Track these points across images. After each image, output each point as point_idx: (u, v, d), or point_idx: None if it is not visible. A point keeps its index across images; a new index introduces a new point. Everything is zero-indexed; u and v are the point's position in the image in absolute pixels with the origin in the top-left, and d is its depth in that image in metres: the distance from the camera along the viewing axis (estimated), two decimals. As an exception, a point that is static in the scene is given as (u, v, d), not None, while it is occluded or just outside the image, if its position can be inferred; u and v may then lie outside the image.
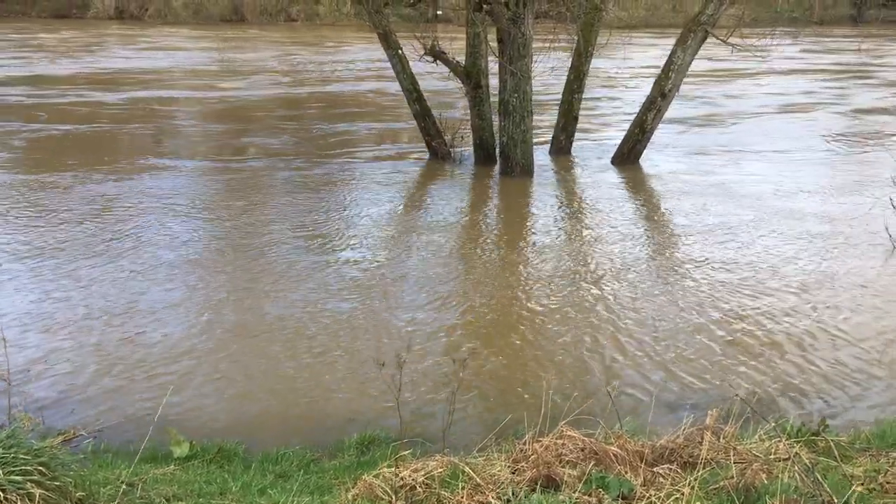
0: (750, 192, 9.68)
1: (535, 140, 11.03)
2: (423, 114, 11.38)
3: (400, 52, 11.17)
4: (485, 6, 9.87)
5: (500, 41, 10.17)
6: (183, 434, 4.03)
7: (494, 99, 10.89)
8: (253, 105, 16.69)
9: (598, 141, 12.95)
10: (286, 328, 5.73)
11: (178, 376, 4.98)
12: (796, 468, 3.10)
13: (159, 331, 5.61)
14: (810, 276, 6.84)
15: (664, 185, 10.33)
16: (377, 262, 7.21)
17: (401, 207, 9.23)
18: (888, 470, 3.28)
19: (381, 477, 3.19)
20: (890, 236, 7.60)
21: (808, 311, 6.11)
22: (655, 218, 9.09)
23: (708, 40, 10.83)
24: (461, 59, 10.96)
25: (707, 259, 7.31)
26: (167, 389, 4.45)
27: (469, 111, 11.25)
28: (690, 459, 3.34)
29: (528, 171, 10.55)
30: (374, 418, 4.47)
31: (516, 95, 10.20)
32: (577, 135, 12.18)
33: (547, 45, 11.41)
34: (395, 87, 11.88)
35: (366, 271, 6.94)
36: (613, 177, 10.77)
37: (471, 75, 10.85)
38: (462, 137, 11.47)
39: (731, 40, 10.47)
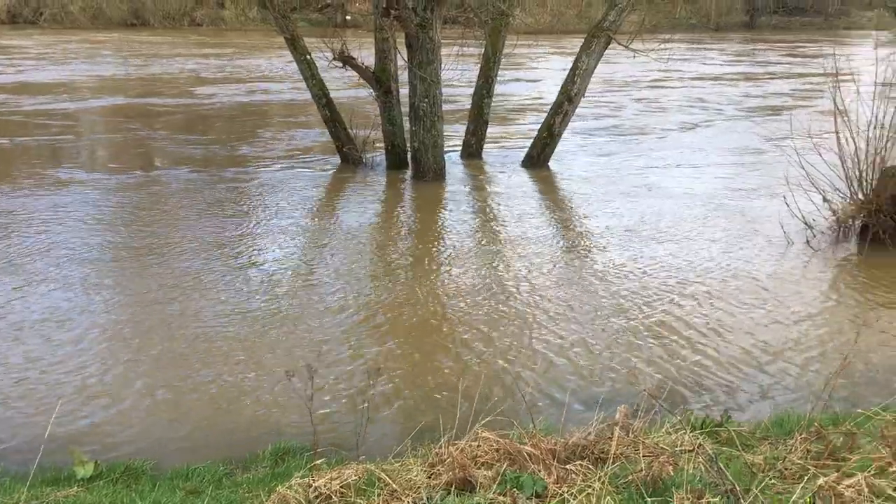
0: (657, 194, 9.99)
1: (447, 144, 11.11)
2: (332, 119, 11.30)
3: (308, 57, 11.06)
4: (392, 12, 9.87)
5: (409, 46, 10.20)
6: (87, 454, 3.88)
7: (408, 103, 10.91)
8: (158, 113, 16.21)
9: (508, 145, 13.13)
10: (196, 340, 5.58)
11: (82, 394, 4.79)
12: (700, 459, 3.21)
13: (61, 349, 5.39)
14: (713, 274, 7.11)
15: (574, 187, 10.56)
16: (288, 270, 7.11)
17: (312, 214, 9.12)
18: (786, 457, 3.43)
19: (295, 488, 3.14)
20: (785, 233, 7.97)
21: (712, 308, 6.34)
22: (565, 219, 9.27)
23: (612, 46, 11.15)
24: (371, 64, 10.94)
25: (616, 259, 7.51)
26: (70, 407, 4.28)
27: (380, 116, 11.24)
28: (601, 455, 3.41)
29: (439, 175, 10.61)
30: (289, 429, 4.40)
31: (426, 100, 10.25)
32: (488, 139, 12.34)
33: (457, 50, 11.52)
34: (306, 92, 11.74)
35: (277, 280, 6.84)
36: (524, 180, 10.94)
37: (380, 80, 10.84)
38: (373, 143, 11.44)
39: (633, 46, 10.80)
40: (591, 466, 3.26)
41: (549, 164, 11.55)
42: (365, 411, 3.97)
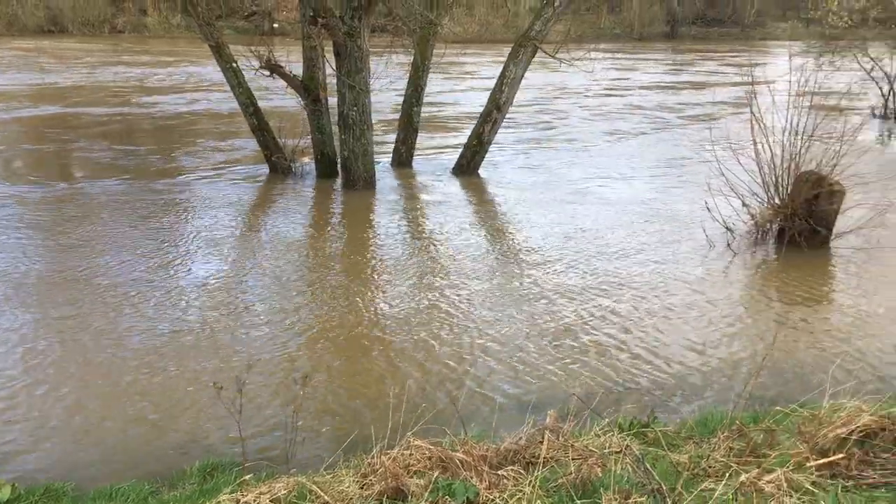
0: (586, 201, 10.16)
1: (377, 153, 11.09)
2: (260, 128, 11.16)
3: (234, 65, 10.90)
4: (320, 20, 9.81)
5: (337, 55, 10.14)
6: (4, 476, 3.72)
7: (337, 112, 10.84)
8: (80, 124, 15.73)
9: (439, 153, 13.19)
10: (122, 356, 5.43)
11: (0, 416, 4.61)
12: (628, 460, 3.28)
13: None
14: (641, 278, 7.26)
15: (503, 194, 10.66)
16: (217, 282, 6.98)
17: (241, 225, 8.98)
18: (710, 455, 3.53)
19: (223, 504, 3.09)
20: (707, 237, 8.21)
21: (639, 310, 6.48)
22: (495, 226, 9.35)
23: (540, 55, 11.32)
24: (300, 72, 10.84)
25: (546, 265, 7.60)
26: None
27: (309, 125, 11.15)
28: (532, 459, 3.45)
29: (370, 183, 10.58)
30: (218, 443, 4.32)
31: (356, 109, 10.21)
32: (418, 147, 12.37)
33: (386, 58, 11.53)
34: (233, 101, 11.55)
35: (205, 292, 6.70)
36: (454, 187, 10.99)
37: (309, 89, 10.76)
38: (303, 151, 11.35)
39: (559, 55, 11.00)
40: (522, 471, 3.30)
41: (480, 171, 11.64)
42: (295, 423, 3.91)
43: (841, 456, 3.38)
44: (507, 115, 11.88)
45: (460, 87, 22.25)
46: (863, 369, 5.43)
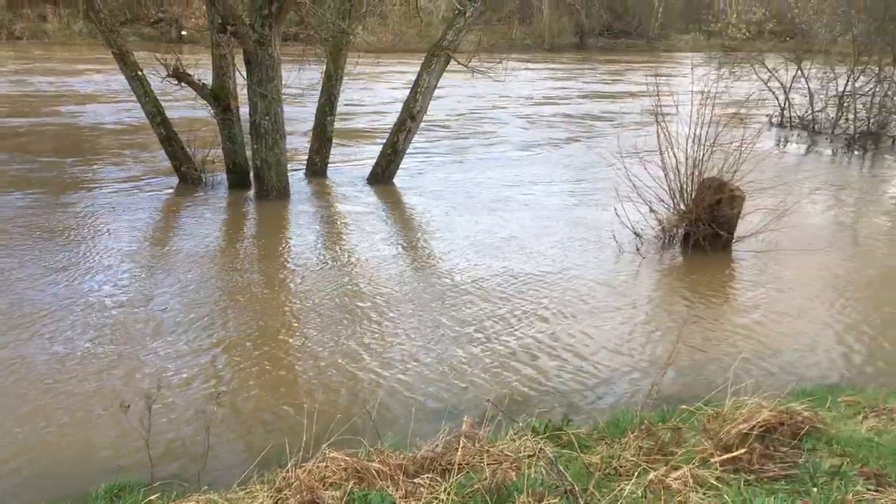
0: (502, 208, 10.28)
1: (291, 163, 10.96)
2: (169, 138, 10.89)
3: (140, 73, 10.61)
4: (229, 28, 9.64)
5: (247, 63, 9.98)
6: None
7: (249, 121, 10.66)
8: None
9: (353, 162, 13.13)
10: (25, 375, 5.19)
11: None
12: (542, 462, 3.33)
13: None
14: (554, 283, 7.39)
15: (419, 202, 10.70)
16: (126, 297, 6.76)
17: (149, 238, 8.72)
18: (620, 455, 3.63)
19: (131, 526, 2.99)
20: (617, 242, 8.43)
21: (552, 315, 6.59)
22: (410, 234, 9.37)
23: (453, 64, 11.42)
24: (210, 81, 10.63)
25: (460, 272, 7.66)
26: None
27: (220, 135, 10.93)
28: (448, 466, 3.47)
29: (283, 194, 10.44)
30: (126, 464, 4.17)
31: (267, 118, 10.07)
32: (333, 156, 12.29)
33: (299, 67, 11.43)
34: (141, 111, 11.22)
35: (113, 308, 6.48)
36: (369, 196, 10.97)
37: (219, 98, 10.56)
38: (213, 161, 11.11)
39: (471, 64, 11.12)
40: (438, 478, 3.31)
41: (395, 180, 11.65)
42: (206, 439, 3.82)
43: (743, 451, 3.52)
44: (428, 125, 11.95)
45: (375, 96, 22.22)
46: (763, 367, 5.67)
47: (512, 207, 10.31)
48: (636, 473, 3.36)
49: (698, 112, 8.48)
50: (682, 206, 8.53)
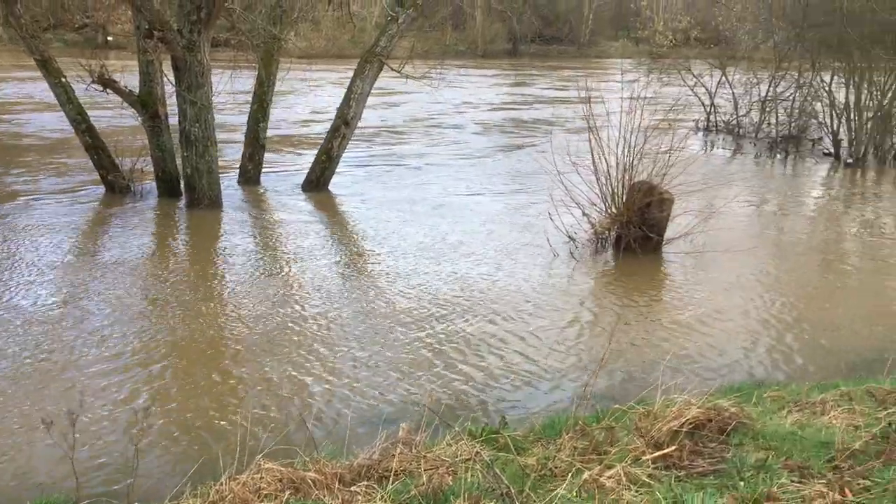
0: (437, 213, 10.31)
1: (223, 170, 10.78)
2: (95, 146, 10.60)
3: (64, 80, 10.30)
4: (156, 33, 9.43)
5: (176, 69, 9.78)
6: None
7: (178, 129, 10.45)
8: None
9: (288, 169, 13.00)
10: (-64, 395, 4.98)
11: None
12: (478, 466, 3.35)
13: None
14: (490, 288, 7.44)
15: (354, 209, 10.65)
16: (52, 311, 6.54)
17: (76, 250, 8.45)
18: (555, 455, 3.67)
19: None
20: (551, 246, 8.54)
21: (489, 320, 6.63)
22: (346, 241, 9.32)
23: (387, 70, 11.42)
24: (137, 87, 10.39)
25: (395, 278, 7.65)
26: None
27: (148, 142, 10.69)
28: (385, 473, 3.46)
29: (215, 202, 10.26)
30: (50, 482, 4.03)
31: (198, 125, 9.88)
32: (267, 163, 12.15)
33: (230, 74, 11.26)
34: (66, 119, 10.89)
35: (39, 322, 6.26)
36: (304, 203, 10.87)
37: (146, 105, 10.33)
38: (142, 170, 10.85)
39: (405, 71, 11.14)
40: (375, 486, 3.30)
41: (331, 187, 11.57)
42: (136, 453, 3.72)
43: (674, 448, 3.60)
44: (368, 132, 11.90)
45: (309, 102, 22.05)
46: (692, 365, 5.82)
47: (448, 213, 10.34)
48: (571, 473, 3.40)
49: (628, 117, 8.65)
50: (614, 210, 8.69)
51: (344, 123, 11.38)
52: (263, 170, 12.05)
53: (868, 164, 15.12)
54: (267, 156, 12.19)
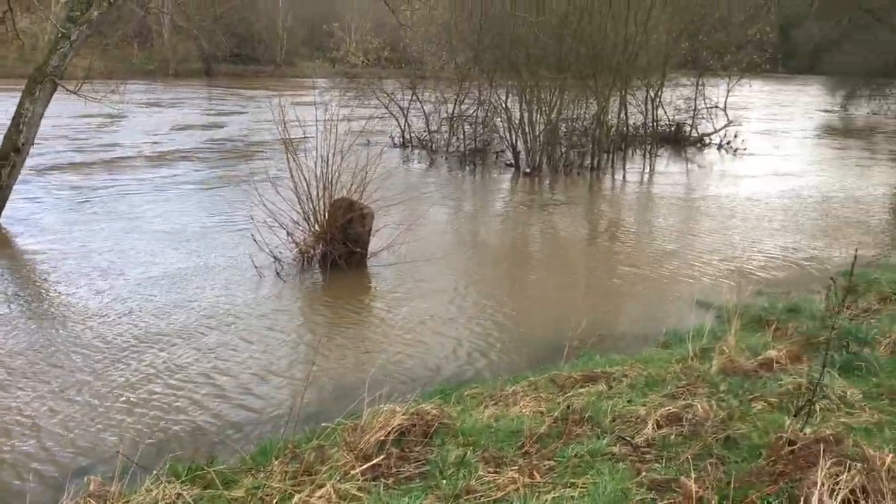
0: (124, 241, 9.59)
1: None
2: None
3: None
4: None
5: None
6: None
7: None
8: None
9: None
10: None
11: None
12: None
13: None
14: (193, 313, 7.07)
15: (30, 243, 9.57)
16: None
17: None
18: (266, 483, 3.57)
19: None
20: (257, 268, 8.37)
21: (193, 347, 6.31)
22: (18, 280, 8.35)
23: (61, 91, 10.46)
24: None
25: (84, 312, 7.00)
26: None
27: None
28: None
29: None
30: None
31: None
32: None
33: None
34: None
35: None
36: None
37: None
38: None
39: (83, 92, 10.29)
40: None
41: (1, 220, 10.31)
42: None
43: (382, 458, 3.68)
44: (43, 160, 10.75)
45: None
46: (398, 373, 6.02)
47: (143, 241, 9.69)
48: (281, 499, 3.34)
49: (325, 135, 8.75)
50: (317, 228, 8.74)
51: (14, 150, 10.21)
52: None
53: (543, 172, 16.75)
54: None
